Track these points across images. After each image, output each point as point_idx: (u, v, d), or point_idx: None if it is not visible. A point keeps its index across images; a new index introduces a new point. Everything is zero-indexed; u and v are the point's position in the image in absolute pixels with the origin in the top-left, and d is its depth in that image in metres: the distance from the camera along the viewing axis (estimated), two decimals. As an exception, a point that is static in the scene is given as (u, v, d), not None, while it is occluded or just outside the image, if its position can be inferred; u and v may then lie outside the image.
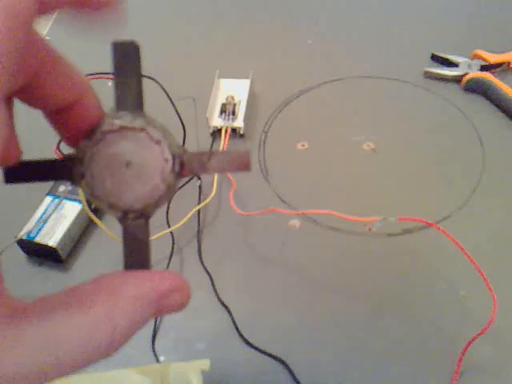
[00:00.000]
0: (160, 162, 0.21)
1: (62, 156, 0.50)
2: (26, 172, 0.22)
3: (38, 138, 0.63)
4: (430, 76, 0.68)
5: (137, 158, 0.21)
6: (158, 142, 0.21)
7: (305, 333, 0.46)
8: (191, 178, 0.57)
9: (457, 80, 0.67)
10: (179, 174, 0.22)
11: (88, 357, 0.19)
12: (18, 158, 0.21)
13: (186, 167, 0.22)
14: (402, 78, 0.68)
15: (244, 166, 0.23)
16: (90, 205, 0.51)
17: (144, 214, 0.22)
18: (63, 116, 0.22)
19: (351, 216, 0.44)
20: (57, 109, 0.22)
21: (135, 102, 0.22)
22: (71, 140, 0.23)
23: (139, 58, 0.23)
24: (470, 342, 0.41)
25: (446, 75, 0.67)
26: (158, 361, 0.44)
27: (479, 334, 0.41)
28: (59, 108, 0.22)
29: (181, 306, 0.22)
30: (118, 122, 0.21)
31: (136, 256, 0.22)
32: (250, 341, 0.45)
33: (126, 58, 0.22)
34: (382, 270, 0.50)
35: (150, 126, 0.21)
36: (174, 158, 0.21)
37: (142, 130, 0.21)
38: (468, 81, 0.66)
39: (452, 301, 0.47)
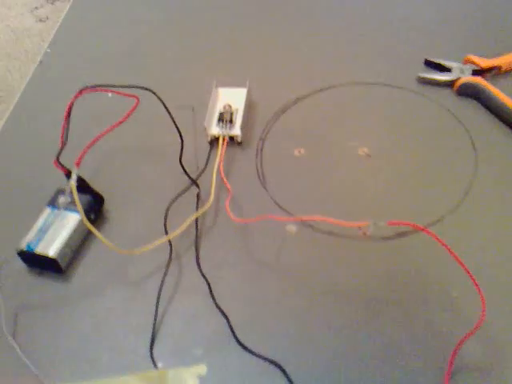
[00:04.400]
0: None
1: (62, 168, 0.51)
2: None
3: (39, 150, 0.64)
4: (423, 81, 0.69)
5: None
6: None
7: (301, 337, 0.46)
8: (189, 187, 0.58)
9: (449, 84, 0.68)
10: None
11: None
12: None
13: None
14: (395, 84, 0.69)
15: None
16: (88, 216, 0.52)
17: None
18: None
19: (344, 221, 0.45)
20: None
21: None
22: None
23: None
24: (460, 343, 0.42)
25: (439, 80, 0.68)
26: (156, 367, 0.45)
27: (469, 335, 0.42)
28: None
29: None
30: None
31: None
32: (247, 346, 0.46)
33: None
34: (376, 273, 0.50)
35: None
36: None
37: None
38: (460, 85, 0.66)
39: (444, 302, 0.47)
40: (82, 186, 0.53)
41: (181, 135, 0.57)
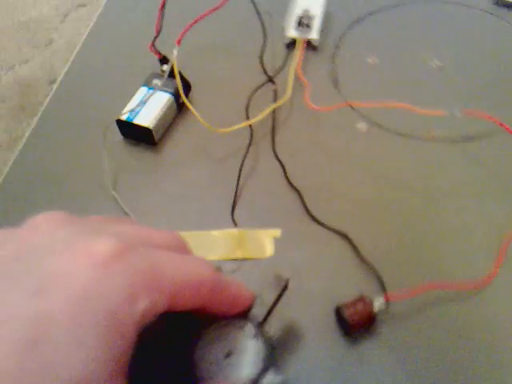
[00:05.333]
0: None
1: (157, 53, 0.55)
2: None
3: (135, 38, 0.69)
4: (499, 3, 0.70)
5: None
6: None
7: (368, 214, 0.52)
8: (266, 82, 0.62)
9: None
10: None
11: None
12: None
13: None
14: (470, 4, 0.71)
15: None
16: (178, 98, 0.57)
17: None
18: None
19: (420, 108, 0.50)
20: None
21: None
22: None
23: None
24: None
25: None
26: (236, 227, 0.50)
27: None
28: None
29: None
30: None
31: None
32: (317, 217, 0.51)
33: None
34: (441, 173, 0.55)
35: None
36: None
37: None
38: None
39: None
40: (172, 73, 0.57)
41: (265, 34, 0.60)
